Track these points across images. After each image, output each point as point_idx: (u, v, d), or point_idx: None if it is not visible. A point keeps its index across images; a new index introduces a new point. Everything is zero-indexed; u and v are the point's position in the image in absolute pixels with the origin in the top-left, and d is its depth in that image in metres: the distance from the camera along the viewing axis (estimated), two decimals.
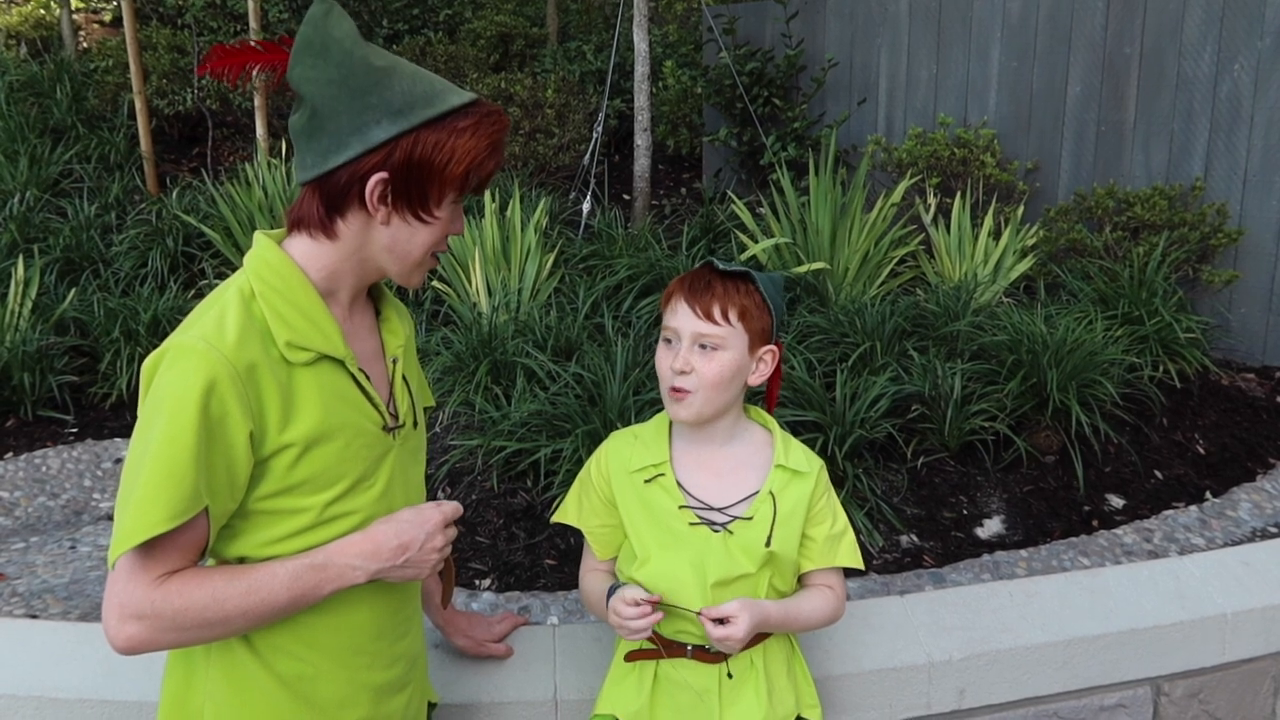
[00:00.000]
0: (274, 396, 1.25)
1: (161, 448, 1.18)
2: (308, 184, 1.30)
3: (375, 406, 1.36)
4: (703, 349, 1.53)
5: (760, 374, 1.59)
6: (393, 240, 1.31)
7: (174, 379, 1.19)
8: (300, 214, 1.31)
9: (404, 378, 1.44)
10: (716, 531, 1.57)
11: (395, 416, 1.40)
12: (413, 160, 1.26)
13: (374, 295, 1.46)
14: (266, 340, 1.26)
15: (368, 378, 1.36)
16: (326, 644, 1.35)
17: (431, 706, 1.66)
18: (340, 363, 1.32)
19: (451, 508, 1.38)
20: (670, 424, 1.66)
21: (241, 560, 1.31)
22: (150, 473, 1.18)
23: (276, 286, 1.28)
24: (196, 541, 1.24)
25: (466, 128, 1.28)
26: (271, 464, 1.26)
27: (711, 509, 1.58)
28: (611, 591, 1.57)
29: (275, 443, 1.26)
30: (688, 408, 1.54)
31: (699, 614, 1.49)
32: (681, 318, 1.53)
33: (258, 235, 1.33)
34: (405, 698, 1.46)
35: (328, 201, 1.29)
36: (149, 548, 1.21)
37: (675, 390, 1.54)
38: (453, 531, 1.37)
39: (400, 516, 1.34)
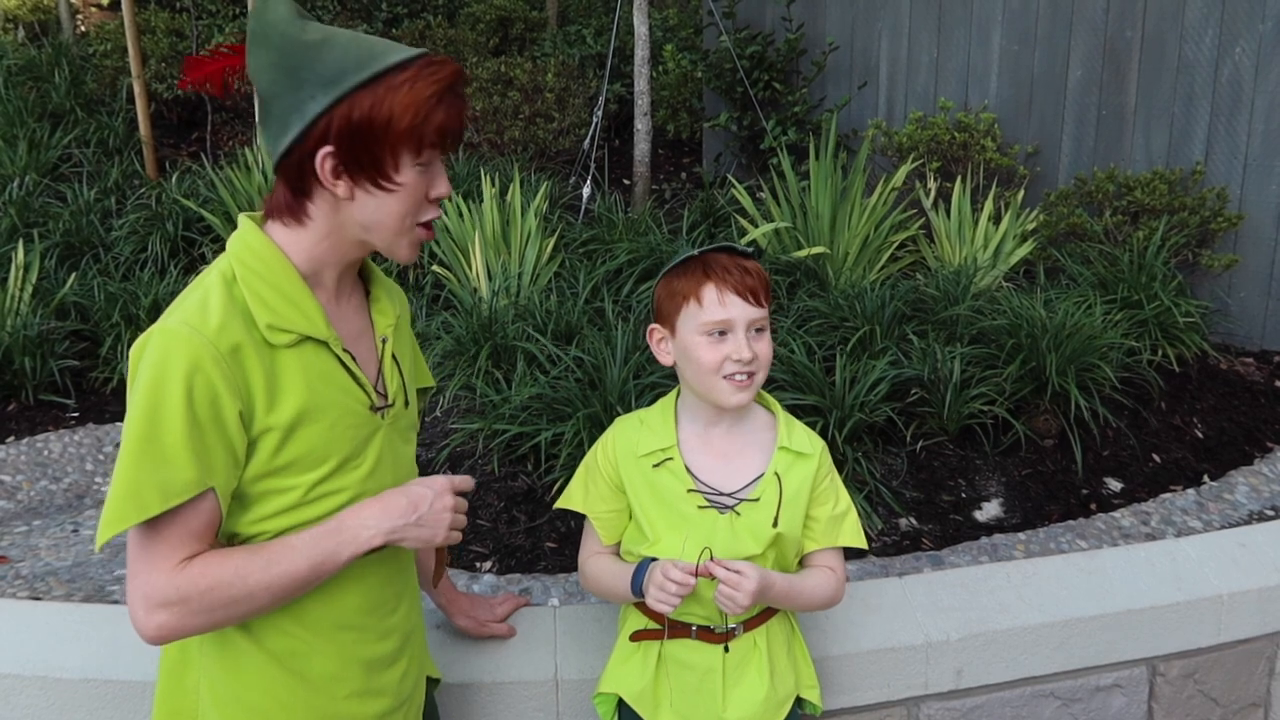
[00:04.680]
0: (259, 378, 1.26)
1: (144, 431, 1.19)
2: (275, 172, 1.31)
3: (361, 386, 1.36)
4: (758, 332, 1.56)
5: None
6: (363, 215, 1.29)
7: (157, 363, 1.20)
8: (274, 203, 1.32)
9: (394, 357, 1.44)
10: (724, 514, 1.58)
11: (384, 396, 1.40)
12: (351, 126, 1.23)
13: (364, 275, 1.46)
14: (248, 323, 1.26)
15: (354, 358, 1.36)
16: (316, 620, 1.36)
17: (435, 683, 1.68)
18: (324, 344, 1.32)
19: (461, 479, 1.38)
20: (675, 408, 1.67)
21: (231, 537, 1.32)
22: (134, 457, 1.18)
23: (256, 269, 1.28)
24: (209, 524, 1.24)
25: (403, 81, 1.24)
26: (259, 445, 1.27)
27: (720, 493, 1.60)
28: (641, 569, 1.57)
29: (262, 423, 1.26)
30: (752, 391, 1.57)
31: (709, 562, 1.50)
32: (735, 308, 1.53)
33: (242, 218, 1.33)
34: (399, 671, 1.46)
35: (291, 186, 1.29)
36: (159, 535, 1.21)
37: (739, 380, 1.54)
38: (463, 502, 1.37)
39: (408, 483, 1.36)
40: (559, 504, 1.73)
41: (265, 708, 1.35)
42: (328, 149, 1.24)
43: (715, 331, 1.54)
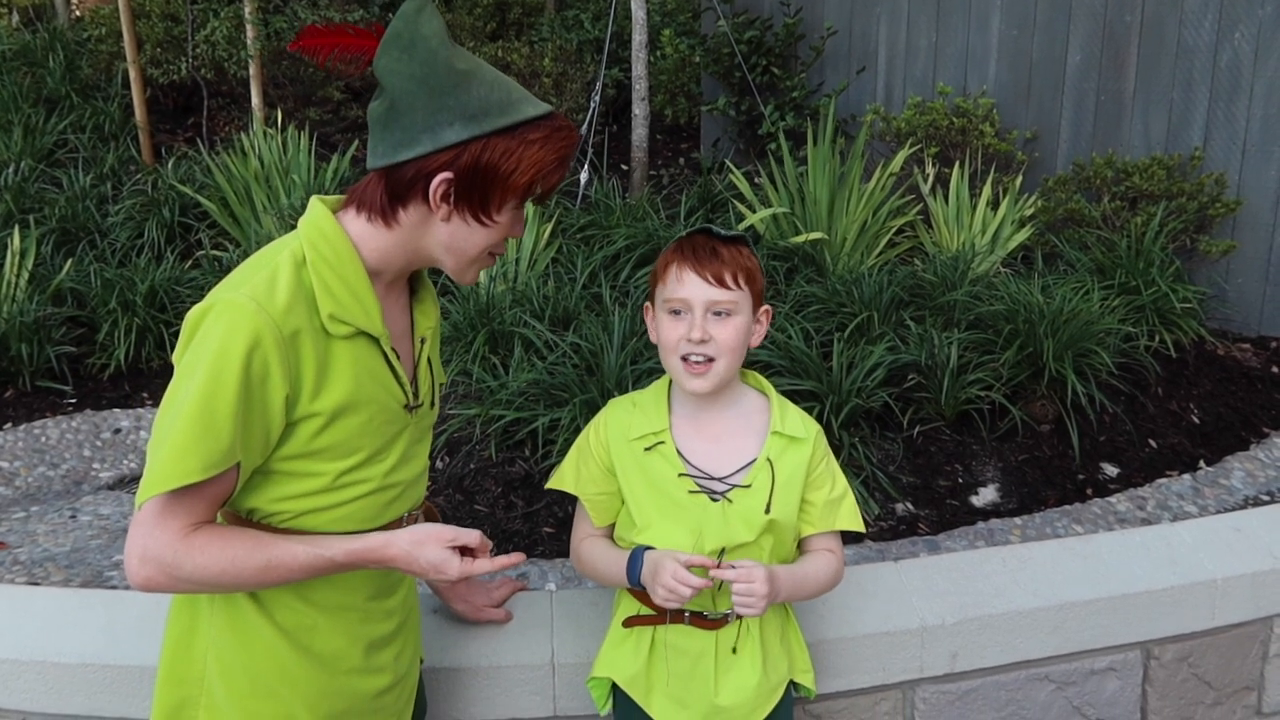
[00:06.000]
0: (311, 364, 1.29)
1: (201, 400, 1.21)
2: (375, 170, 1.33)
3: (401, 385, 1.40)
4: (717, 316, 1.53)
5: (759, 334, 1.61)
6: (451, 238, 1.34)
7: (220, 334, 1.23)
8: (363, 196, 1.34)
9: (428, 359, 1.48)
10: (715, 500, 1.58)
11: (417, 395, 1.44)
12: (479, 165, 1.28)
13: (411, 276, 1.49)
14: (311, 309, 1.30)
15: (398, 356, 1.40)
16: (324, 600, 1.41)
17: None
18: (375, 340, 1.36)
19: (464, 544, 1.38)
20: (669, 391, 1.67)
21: (251, 512, 1.36)
22: (188, 422, 1.21)
23: (328, 258, 1.31)
24: (223, 494, 1.29)
25: (537, 139, 1.30)
26: (298, 428, 1.31)
27: (711, 478, 1.59)
28: (635, 558, 1.56)
29: (305, 409, 1.30)
30: (710, 378, 1.54)
31: (717, 565, 1.50)
32: (692, 287, 1.52)
33: (314, 201, 1.35)
34: (395, 650, 1.51)
35: (391, 191, 1.31)
36: (178, 496, 1.25)
37: (694, 362, 1.53)
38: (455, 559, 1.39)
39: (426, 555, 1.35)
40: (550, 484, 1.72)
41: (271, 680, 1.39)
42: (447, 175, 1.29)
43: (673, 310, 1.54)
